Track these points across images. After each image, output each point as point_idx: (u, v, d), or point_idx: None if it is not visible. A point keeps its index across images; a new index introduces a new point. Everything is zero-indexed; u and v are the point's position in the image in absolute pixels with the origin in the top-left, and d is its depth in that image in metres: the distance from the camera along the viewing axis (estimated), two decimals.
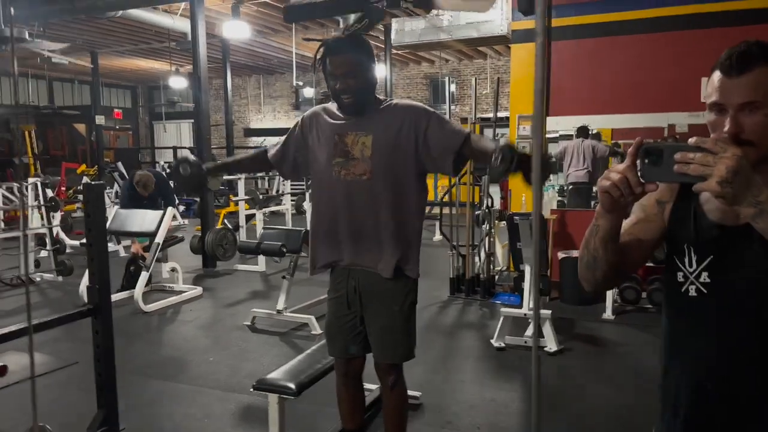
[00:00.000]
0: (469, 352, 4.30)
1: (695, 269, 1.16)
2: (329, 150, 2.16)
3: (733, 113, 1.07)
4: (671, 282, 1.21)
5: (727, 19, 4.95)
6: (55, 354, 4.16)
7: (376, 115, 2.15)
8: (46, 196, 7.04)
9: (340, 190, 2.15)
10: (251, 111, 18.78)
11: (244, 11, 9.85)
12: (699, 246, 1.16)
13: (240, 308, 5.45)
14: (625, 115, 5.40)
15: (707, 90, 1.13)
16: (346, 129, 2.15)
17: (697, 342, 1.18)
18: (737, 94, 1.07)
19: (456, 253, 5.73)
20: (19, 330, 2.28)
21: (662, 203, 1.24)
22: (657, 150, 1.00)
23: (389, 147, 2.10)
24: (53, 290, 6.30)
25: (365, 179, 2.11)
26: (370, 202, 2.12)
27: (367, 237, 2.16)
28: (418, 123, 2.10)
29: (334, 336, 2.31)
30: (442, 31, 6.43)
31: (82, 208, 10.44)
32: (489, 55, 14.66)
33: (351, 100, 2.10)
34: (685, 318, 1.20)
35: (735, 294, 1.12)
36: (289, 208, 9.54)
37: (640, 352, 4.16)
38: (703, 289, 1.15)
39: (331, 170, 2.15)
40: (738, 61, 1.06)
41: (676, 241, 1.21)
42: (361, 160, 2.11)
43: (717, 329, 1.15)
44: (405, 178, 2.14)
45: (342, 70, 2.07)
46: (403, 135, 2.10)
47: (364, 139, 2.11)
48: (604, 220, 1.14)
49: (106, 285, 2.61)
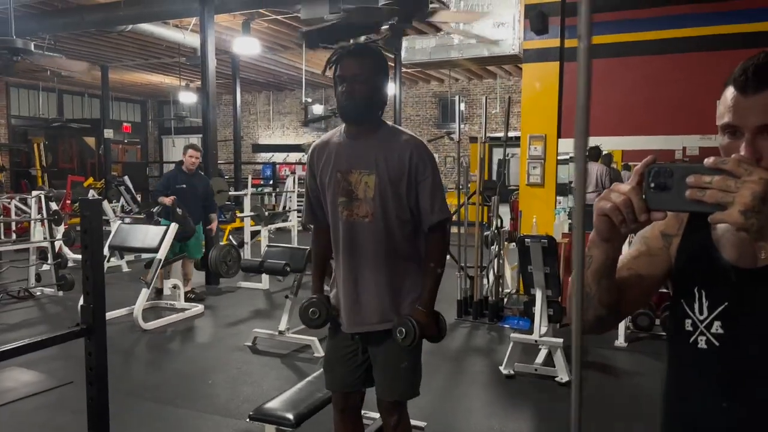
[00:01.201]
0: (476, 379, 4.15)
1: (706, 317, 0.98)
2: (333, 188, 2.07)
3: (749, 137, 0.90)
4: (678, 330, 1.03)
5: (741, 42, 4.86)
6: (50, 372, 4.05)
7: (380, 147, 2.03)
8: (49, 209, 6.98)
9: (344, 231, 2.06)
10: (260, 127, 18.81)
11: (254, 27, 9.86)
12: (712, 291, 0.98)
13: (242, 327, 5.33)
14: (636, 137, 5.31)
15: (719, 109, 0.95)
16: (349, 166, 2.04)
17: (704, 402, 1.00)
18: (754, 115, 0.89)
19: (464, 274, 5.60)
20: (13, 349, 2.19)
21: (668, 237, 1.06)
22: (666, 172, 0.83)
23: (392, 188, 2.01)
24: (53, 305, 6.21)
25: (367, 221, 2.02)
26: (373, 244, 2.03)
27: (369, 286, 2.04)
28: (418, 171, 2.02)
29: (332, 367, 2.18)
30: (452, 50, 6.37)
31: None
32: (499, 75, 14.63)
33: (352, 105, 1.98)
34: (692, 373, 1.02)
35: (752, 349, 0.94)
36: (295, 224, 9.45)
37: (654, 382, 3.98)
38: (714, 341, 0.97)
39: (336, 210, 2.07)
40: (755, 76, 0.89)
41: (684, 283, 1.03)
42: (364, 201, 2.02)
43: (729, 389, 0.97)
44: (406, 218, 2.05)
45: (351, 72, 1.98)
46: (405, 177, 2.01)
47: (366, 178, 2.02)
48: (598, 250, 0.95)
49: (101, 304, 2.50)
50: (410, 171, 2.01)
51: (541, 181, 5.53)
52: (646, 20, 5.23)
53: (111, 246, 5.55)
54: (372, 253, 2.03)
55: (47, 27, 9.19)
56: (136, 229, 5.58)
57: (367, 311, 2.05)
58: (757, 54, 0.91)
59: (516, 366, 4.09)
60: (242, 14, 8.96)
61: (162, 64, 13.25)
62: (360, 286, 2.06)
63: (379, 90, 2.05)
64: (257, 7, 8.17)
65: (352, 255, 2.05)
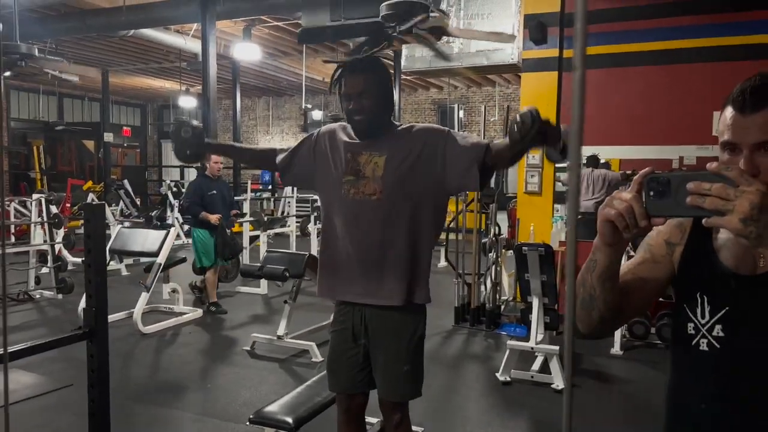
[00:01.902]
0: (473, 386, 4.18)
1: (708, 321, 1.05)
2: (341, 167, 2.10)
3: (747, 153, 0.97)
4: (680, 333, 1.09)
5: (738, 53, 4.92)
6: (50, 375, 4.08)
7: (392, 138, 2.09)
8: (50, 212, 7.00)
9: (348, 209, 2.08)
10: (260, 132, 18.87)
11: (255, 34, 9.93)
12: (713, 296, 1.05)
13: (240, 332, 5.36)
14: (634, 147, 5.36)
15: (719, 127, 1.03)
16: (360, 148, 2.09)
17: (705, 401, 1.07)
18: (752, 133, 0.97)
19: (461, 281, 5.64)
20: (17, 351, 2.21)
21: (672, 245, 1.13)
22: (663, 180, 0.88)
23: (403, 168, 2.03)
24: (53, 308, 6.22)
25: (374, 199, 2.04)
26: (378, 223, 2.04)
27: (374, 262, 2.06)
28: (436, 143, 2.03)
29: (336, 370, 2.20)
30: (453, 58, 6.43)
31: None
32: (498, 83, 14.72)
33: (362, 121, 2.05)
34: (695, 374, 1.09)
35: (752, 351, 1.00)
36: (294, 230, 9.48)
37: (649, 390, 4.03)
38: (715, 343, 1.04)
39: (340, 188, 2.08)
40: (752, 97, 0.97)
41: (687, 288, 1.09)
42: (371, 180, 2.04)
43: (729, 388, 1.03)
44: (419, 199, 2.06)
45: (356, 90, 2.03)
46: (422, 157, 2.03)
47: (377, 159, 2.05)
48: (602, 254, 1.02)
49: (104, 307, 2.53)
50: (426, 147, 2.02)
51: (539, 189, 5.58)
52: (644, 31, 5.30)
53: (111, 250, 5.57)
54: (378, 231, 2.04)
55: (50, 31, 9.23)
56: (136, 233, 5.61)
57: (371, 286, 2.06)
58: (754, 76, 0.98)
59: (512, 373, 4.12)
60: (243, 20, 9.03)
61: (163, 68, 13.32)
62: (365, 261, 2.07)
63: (385, 100, 2.10)
64: (258, 14, 8.24)
65: (357, 232, 2.06)
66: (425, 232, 2.10)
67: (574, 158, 0.67)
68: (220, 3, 7.40)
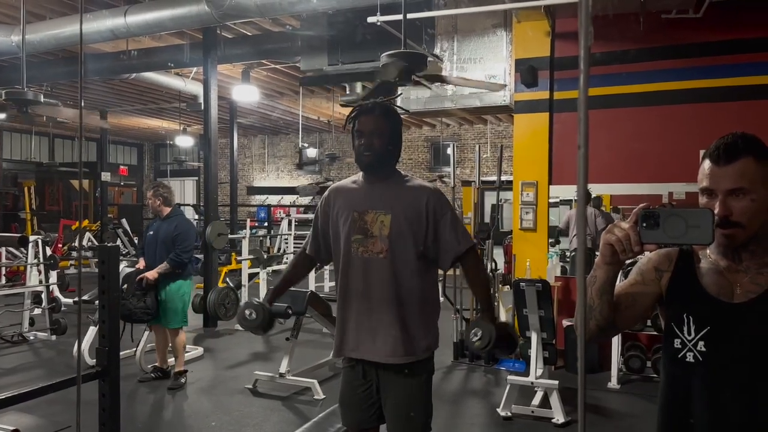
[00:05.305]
0: (474, 421, 4.22)
1: (693, 338, 1.25)
2: (349, 226, 2.22)
3: (722, 198, 1.19)
4: (669, 348, 1.29)
5: (723, 95, 5.13)
6: (48, 417, 4.07)
7: (397, 192, 2.22)
8: (45, 253, 7.04)
9: (357, 266, 2.20)
10: (255, 169, 19.04)
11: (253, 75, 10.16)
12: (697, 317, 1.25)
13: (241, 370, 5.38)
14: (624, 185, 5.51)
15: (699, 176, 1.25)
16: (366, 206, 2.21)
17: (691, 407, 1.25)
18: (725, 181, 1.19)
19: (459, 316, 5.70)
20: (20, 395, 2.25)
21: (660, 271, 1.33)
22: (655, 214, 1.11)
23: (406, 227, 2.16)
24: (47, 350, 6.21)
25: (381, 257, 2.16)
26: (386, 280, 2.16)
27: (382, 319, 2.16)
28: (436, 211, 2.18)
29: (347, 406, 2.29)
30: (447, 100, 6.64)
31: (75, 265, 10.22)
32: (489, 121, 15.01)
33: (371, 157, 2.19)
34: (682, 383, 1.27)
35: (729, 364, 1.21)
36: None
37: (645, 423, 4.08)
38: (699, 357, 1.24)
39: (350, 246, 2.21)
40: (725, 152, 1.19)
41: (674, 310, 1.29)
42: (379, 239, 2.17)
43: (710, 395, 1.22)
44: (422, 251, 2.19)
45: (369, 128, 2.18)
46: (422, 218, 2.17)
47: (383, 218, 2.18)
48: (602, 271, 1.24)
49: (116, 347, 2.60)
50: (428, 213, 2.17)
51: (534, 226, 5.70)
52: (633, 74, 5.51)
53: None
54: (385, 288, 2.16)
55: (50, 75, 9.30)
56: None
57: (379, 342, 2.16)
58: (728, 135, 1.22)
59: (513, 408, 4.17)
60: (243, 63, 9.25)
61: (161, 108, 13.51)
62: (373, 318, 2.17)
63: (395, 143, 2.25)
64: (258, 59, 8.46)
65: (366, 289, 2.18)
66: (430, 277, 2.25)
67: (582, 196, 0.84)
68: (222, 48, 7.61)
